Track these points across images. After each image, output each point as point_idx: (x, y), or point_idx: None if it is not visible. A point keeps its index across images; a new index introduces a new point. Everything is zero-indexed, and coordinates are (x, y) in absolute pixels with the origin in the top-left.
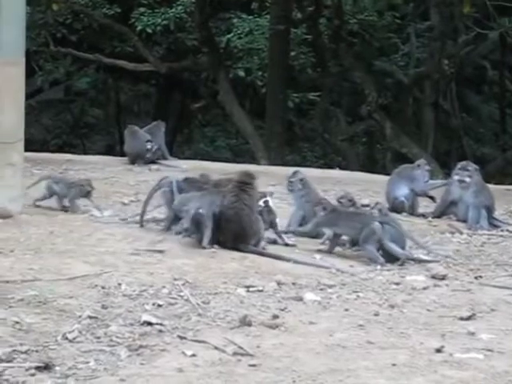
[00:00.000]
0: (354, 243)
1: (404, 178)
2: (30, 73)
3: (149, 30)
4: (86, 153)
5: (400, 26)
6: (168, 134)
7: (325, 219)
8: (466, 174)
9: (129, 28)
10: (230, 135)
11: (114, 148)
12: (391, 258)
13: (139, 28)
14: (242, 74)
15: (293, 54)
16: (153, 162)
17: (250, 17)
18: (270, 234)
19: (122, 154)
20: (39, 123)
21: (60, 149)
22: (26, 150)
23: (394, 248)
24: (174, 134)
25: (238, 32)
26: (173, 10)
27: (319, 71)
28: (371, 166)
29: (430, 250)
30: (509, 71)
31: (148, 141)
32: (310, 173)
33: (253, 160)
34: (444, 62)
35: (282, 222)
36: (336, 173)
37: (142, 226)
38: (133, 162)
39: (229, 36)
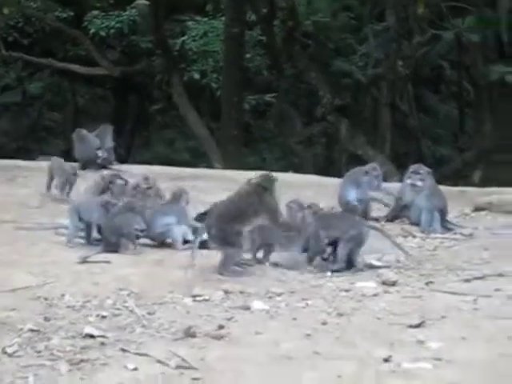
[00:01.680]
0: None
1: (353, 183)
2: None
3: (102, 33)
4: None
5: (356, 27)
6: (126, 137)
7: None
8: (418, 177)
9: (82, 31)
10: (188, 137)
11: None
12: (348, 266)
13: (92, 31)
14: (197, 76)
15: (248, 56)
16: (104, 167)
17: (205, 19)
18: None
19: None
20: None
21: (16, 153)
22: None
23: (357, 258)
24: (133, 137)
25: (193, 34)
26: (126, 12)
27: (274, 73)
28: (329, 167)
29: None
30: (466, 71)
31: (98, 148)
32: None
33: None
34: (399, 63)
35: None
36: (290, 176)
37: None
38: (84, 167)
39: (183, 38)
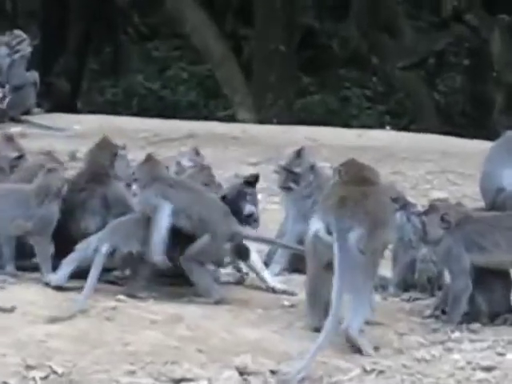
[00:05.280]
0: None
1: None
2: None
3: None
4: None
5: None
6: (69, 61)
7: (457, 237)
8: None
9: None
10: (192, 59)
11: None
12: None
13: None
14: None
15: None
16: (13, 119)
17: None
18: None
19: None
20: None
21: None
22: None
23: None
24: (82, 61)
25: None
26: None
27: None
28: (471, 118)
29: None
30: None
31: None
32: (331, 138)
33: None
34: None
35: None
36: (387, 135)
37: None
38: None
39: None
